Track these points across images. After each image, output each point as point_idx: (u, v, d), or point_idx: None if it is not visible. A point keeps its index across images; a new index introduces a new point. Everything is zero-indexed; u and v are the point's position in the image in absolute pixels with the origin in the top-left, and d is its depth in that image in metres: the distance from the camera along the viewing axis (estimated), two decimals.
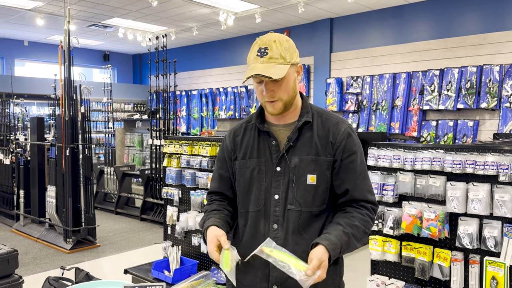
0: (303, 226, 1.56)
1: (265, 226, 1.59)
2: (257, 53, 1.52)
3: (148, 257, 4.79)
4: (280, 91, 1.54)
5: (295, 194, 1.56)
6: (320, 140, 1.59)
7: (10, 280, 3.03)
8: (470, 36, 6.99)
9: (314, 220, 1.58)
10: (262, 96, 1.56)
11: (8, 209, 7.02)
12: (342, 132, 1.60)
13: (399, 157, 2.53)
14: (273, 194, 1.59)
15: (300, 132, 1.60)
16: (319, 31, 8.93)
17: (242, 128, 1.71)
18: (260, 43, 1.53)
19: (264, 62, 1.50)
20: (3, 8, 8.14)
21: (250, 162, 1.63)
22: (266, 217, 1.59)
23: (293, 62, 1.54)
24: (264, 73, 1.47)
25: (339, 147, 1.58)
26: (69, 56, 5.57)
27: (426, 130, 7.29)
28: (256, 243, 1.55)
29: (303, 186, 1.56)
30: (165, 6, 8.09)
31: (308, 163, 1.57)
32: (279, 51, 1.50)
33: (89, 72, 12.94)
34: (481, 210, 2.23)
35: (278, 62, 1.50)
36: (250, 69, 1.51)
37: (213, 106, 10.88)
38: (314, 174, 1.56)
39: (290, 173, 1.57)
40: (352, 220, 1.54)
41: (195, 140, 4.02)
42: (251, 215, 1.62)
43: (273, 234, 1.57)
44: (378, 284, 2.62)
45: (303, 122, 1.60)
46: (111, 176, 8.13)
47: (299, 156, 1.57)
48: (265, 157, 1.61)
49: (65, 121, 5.56)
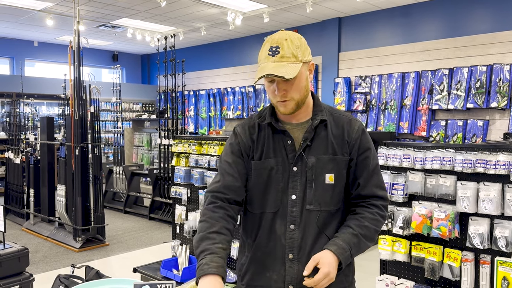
0: (322, 225, 1.56)
1: (281, 227, 1.57)
2: (268, 52, 1.48)
3: (156, 256, 4.81)
4: (292, 91, 1.50)
5: (314, 193, 1.55)
6: (336, 139, 1.57)
7: (21, 278, 3.06)
8: (480, 35, 6.93)
9: (332, 218, 1.58)
10: (274, 95, 1.53)
11: (19, 208, 7.09)
12: (357, 130, 1.59)
13: (409, 157, 2.52)
14: (290, 195, 1.56)
15: (315, 131, 1.58)
16: (327, 30, 8.91)
17: (256, 126, 1.63)
18: (271, 41, 1.50)
19: (275, 61, 1.46)
20: (14, 9, 8.22)
21: (267, 163, 1.58)
22: (283, 217, 1.56)
23: (305, 60, 1.51)
24: (276, 73, 1.44)
25: (354, 146, 1.58)
26: (78, 56, 5.61)
27: (435, 130, 7.24)
28: (272, 245, 1.55)
29: (321, 185, 1.55)
30: (174, 6, 8.12)
31: (325, 162, 1.56)
32: (290, 49, 1.47)
33: (98, 72, 13.03)
34: (492, 210, 2.21)
35: (290, 61, 1.46)
36: (261, 69, 1.48)
37: (221, 106, 10.90)
38: (332, 174, 1.55)
39: (307, 173, 1.55)
40: (362, 221, 1.55)
41: (204, 139, 4.03)
42: (267, 216, 1.58)
43: (289, 234, 1.55)
44: (388, 284, 2.61)
45: (319, 120, 1.57)
46: (120, 176, 8.18)
47: (315, 155, 1.56)
48: (281, 157, 1.58)
49: (75, 120, 5.60)
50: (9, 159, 7.30)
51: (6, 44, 11.06)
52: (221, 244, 1.44)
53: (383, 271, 2.72)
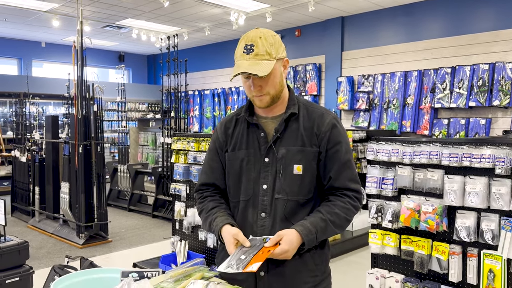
0: (290, 214, 1.61)
1: (253, 215, 1.64)
2: (243, 50, 1.55)
3: (157, 252, 4.88)
4: (267, 86, 1.58)
5: (282, 183, 1.61)
6: (306, 131, 1.63)
7: (21, 270, 3.13)
8: (482, 33, 6.91)
9: (301, 208, 1.62)
10: (250, 91, 1.61)
11: (24, 205, 7.21)
12: (327, 124, 1.64)
13: (398, 151, 2.55)
14: (262, 184, 1.63)
15: (287, 124, 1.64)
16: (330, 29, 8.93)
17: (233, 120, 1.75)
18: (246, 39, 1.56)
19: (250, 59, 1.53)
20: (20, 10, 8.36)
21: (239, 154, 1.68)
22: (255, 206, 1.64)
23: (279, 57, 1.58)
24: (250, 71, 1.51)
25: (323, 138, 1.63)
26: (81, 56, 5.70)
27: (438, 128, 7.23)
28: (244, 232, 1.60)
29: (289, 176, 1.61)
30: (177, 7, 8.20)
31: (294, 153, 1.61)
32: (264, 47, 1.53)
33: (105, 72, 13.17)
34: (478, 203, 2.24)
35: (264, 59, 1.53)
36: (237, 66, 1.55)
37: (225, 106, 10.97)
38: (300, 164, 1.61)
39: (277, 164, 1.62)
40: (332, 208, 1.60)
41: (202, 136, 4.09)
42: (241, 205, 1.67)
43: (260, 222, 1.63)
44: (378, 277, 2.64)
45: (289, 114, 1.64)
46: (124, 174, 8.27)
47: (286, 147, 1.62)
48: (253, 149, 1.66)
49: (78, 119, 5.69)
50: (16, 157, 7.42)
51: (14, 45, 11.24)
52: (220, 209, 1.68)
53: (374, 264, 2.75)
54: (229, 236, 1.54)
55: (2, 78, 10.32)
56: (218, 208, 1.69)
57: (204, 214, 1.72)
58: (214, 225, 1.62)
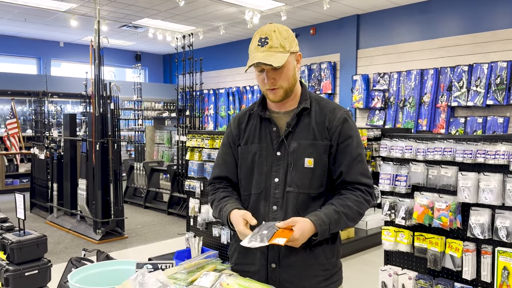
0: (301, 207, 1.63)
1: (265, 207, 1.67)
2: (258, 43, 1.59)
3: (172, 247, 4.94)
4: (280, 79, 1.61)
5: (294, 176, 1.63)
6: (317, 126, 1.65)
7: (39, 263, 3.20)
8: (500, 30, 6.80)
9: (312, 202, 1.64)
10: (264, 84, 1.64)
11: (43, 202, 7.36)
12: (338, 118, 1.66)
13: (411, 148, 2.54)
14: (273, 178, 1.66)
15: (299, 118, 1.67)
16: (345, 27, 8.89)
17: (246, 115, 1.79)
18: (261, 33, 1.60)
19: (264, 51, 1.57)
20: (39, 10, 8.53)
21: (251, 147, 1.71)
22: (267, 199, 1.67)
23: (292, 51, 1.61)
24: (265, 61, 1.54)
25: (335, 132, 1.64)
26: (99, 55, 5.80)
27: (454, 127, 7.15)
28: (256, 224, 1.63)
29: (301, 169, 1.63)
30: (192, 6, 8.26)
31: (305, 147, 1.64)
32: (279, 40, 1.57)
33: (122, 72, 13.34)
34: (492, 200, 2.22)
35: (278, 51, 1.57)
36: (251, 58, 1.59)
37: (240, 104, 11.02)
38: (311, 158, 1.63)
39: (288, 157, 1.64)
40: (345, 200, 1.61)
41: (216, 134, 4.12)
42: (252, 197, 1.70)
43: (272, 215, 1.65)
44: (391, 274, 2.64)
45: (302, 108, 1.67)
46: (140, 172, 8.37)
47: (297, 141, 1.65)
48: (266, 143, 1.69)
49: (95, 117, 5.79)
50: (35, 155, 7.58)
51: (33, 45, 11.46)
52: (231, 198, 1.72)
53: (387, 261, 2.75)
54: (237, 216, 1.58)
55: (22, 77, 10.55)
56: (229, 198, 1.73)
57: (215, 203, 1.76)
58: (223, 211, 1.66)
